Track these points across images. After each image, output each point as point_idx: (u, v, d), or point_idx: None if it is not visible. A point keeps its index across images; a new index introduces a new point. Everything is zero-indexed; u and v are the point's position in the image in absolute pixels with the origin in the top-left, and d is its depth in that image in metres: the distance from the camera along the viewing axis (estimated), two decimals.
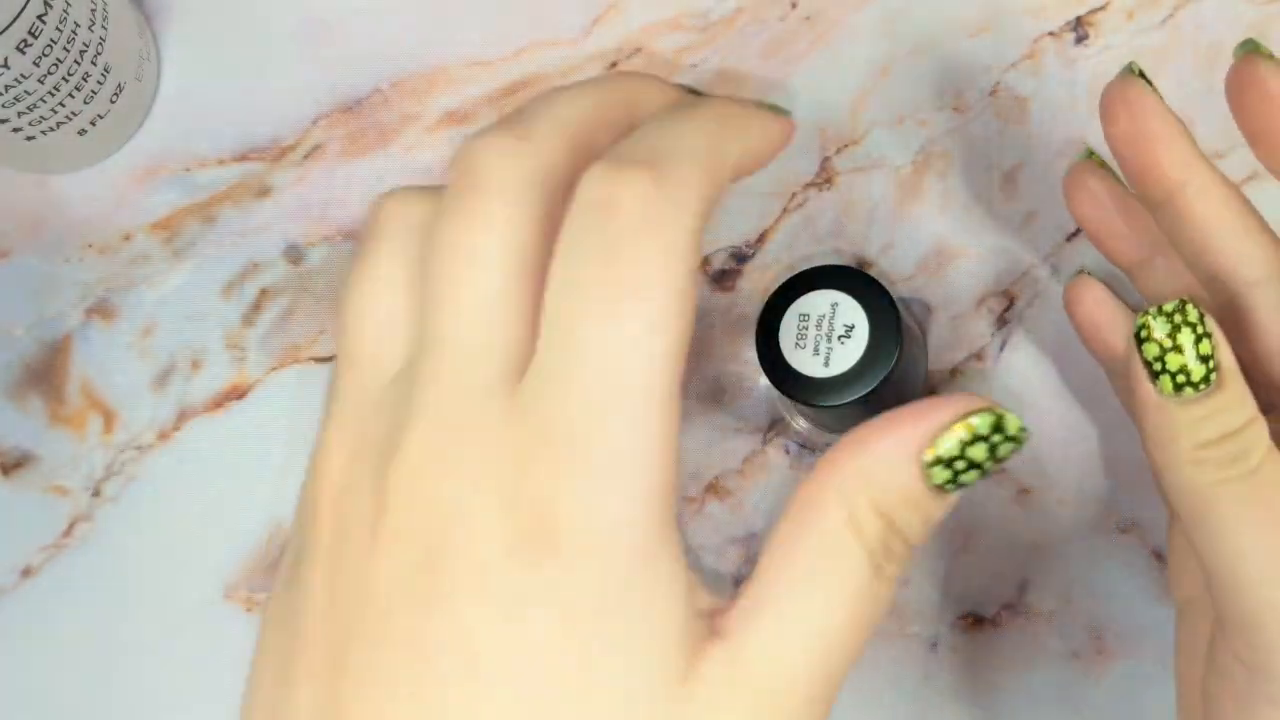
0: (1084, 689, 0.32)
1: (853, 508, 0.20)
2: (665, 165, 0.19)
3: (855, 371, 0.26)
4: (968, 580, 0.32)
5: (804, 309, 0.26)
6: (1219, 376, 0.23)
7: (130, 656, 0.31)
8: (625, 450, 0.18)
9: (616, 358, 0.18)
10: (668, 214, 0.19)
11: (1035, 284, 0.33)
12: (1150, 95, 0.25)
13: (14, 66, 0.28)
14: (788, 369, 0.26)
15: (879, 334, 0.25)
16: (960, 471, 0.20)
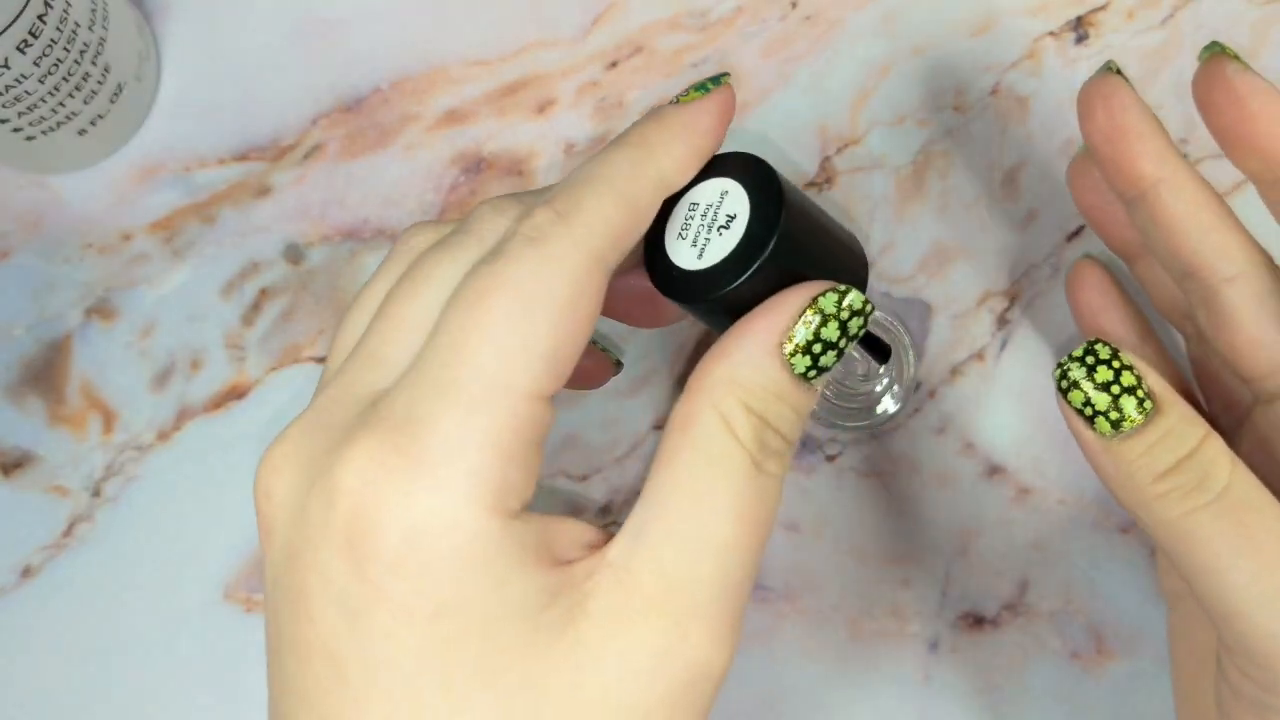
0: (1084, 689, 0.32)
1: (725, 411, 0.20)
2: (564, 196, 0.21)
3: (722, 266, 0.22)
4: (968, 580, 0.32)
5: (696, 198, 0.23)
6: (1155, 402, 0.23)
7: (130, 656, 0.31)
8: (451, 444, 0.19)
9: (460, 350, 0.19)
10: (555, 232, 0.20)
11: (1035, 284, 0.33)
12: (1128, 92, 0.25)
13: (14, 66, 0.28)
14: (663, 259, 0.23)
15: (757, 225, 0.22)
16: (818, 355, 0.21)
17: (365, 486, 0.19)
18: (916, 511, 0.32)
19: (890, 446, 0.32)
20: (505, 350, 0.19)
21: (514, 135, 0.33)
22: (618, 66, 0.34)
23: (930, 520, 0.32)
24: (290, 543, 0.20)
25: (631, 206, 0.21)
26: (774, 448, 0.20)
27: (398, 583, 0.18)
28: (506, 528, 0.19)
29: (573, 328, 0.20)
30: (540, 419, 0.20)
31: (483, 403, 0.19)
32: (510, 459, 0.19)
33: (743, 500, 0.20)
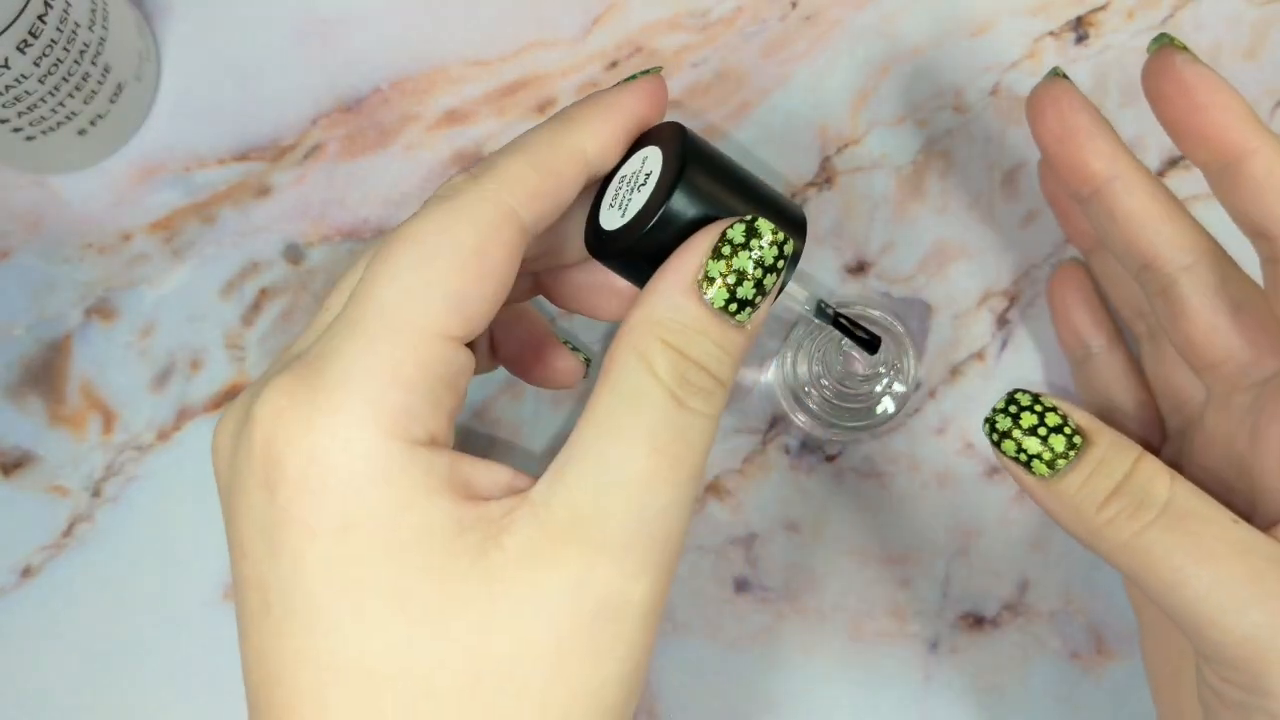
0: (1084, 689, 0.32)
1: (643, 351, 0.20)
2: (482, 162, 0.22)
3: (635, 219, 0.22)
4: (968, 580, 0.32)
5: (625, 170, 0.24)
6: (1083, 436, 0.23)
7: (130, 656, 0.31)
8: (352, 373, 0.19)
9: (367, 291, 0.20)
10: (465, 188, 0.21)
11: (1035, 284, 0.33)
12: (1076, 94, 0.26)
13: (14, 66, 0.27)
14: (594, 228, 0.23)
15: (665, 175, 0.22)
16: (735, 286, 0.21)
17: (275, 417, 0.19)
18: (916, 511, 0.32)
19: (890, 446, 0.32)
20: (406, 289, 0.20)
21: (514, 135, 0.33)
22: (618, 66, 0.34)
23: (930, 520, 0.32)
24: (227, 486, 0.21)
25: (546, 169, 0.22)
26: (698, 384, 0.21)
27: (301, 502, 0.19)
28: (410, 452, 0.19)
29: (479, 274, 0.20)
30: (448, 359, 0.20)
31: (382, 335, 0.20)
32: (411, 389, 0.20)
33: (657, 434, 0.20)
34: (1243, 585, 0.21)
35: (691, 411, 0.20)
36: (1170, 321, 0.26)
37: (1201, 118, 0.23)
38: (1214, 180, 0.24)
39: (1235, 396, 0.25)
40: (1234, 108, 0.23)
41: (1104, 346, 0.31)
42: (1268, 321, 0.25)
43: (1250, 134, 0.23)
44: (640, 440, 0.20)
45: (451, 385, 0.20)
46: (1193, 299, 0.25)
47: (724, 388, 0.21)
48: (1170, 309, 0.26)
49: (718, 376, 0.21)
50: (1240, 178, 0.23)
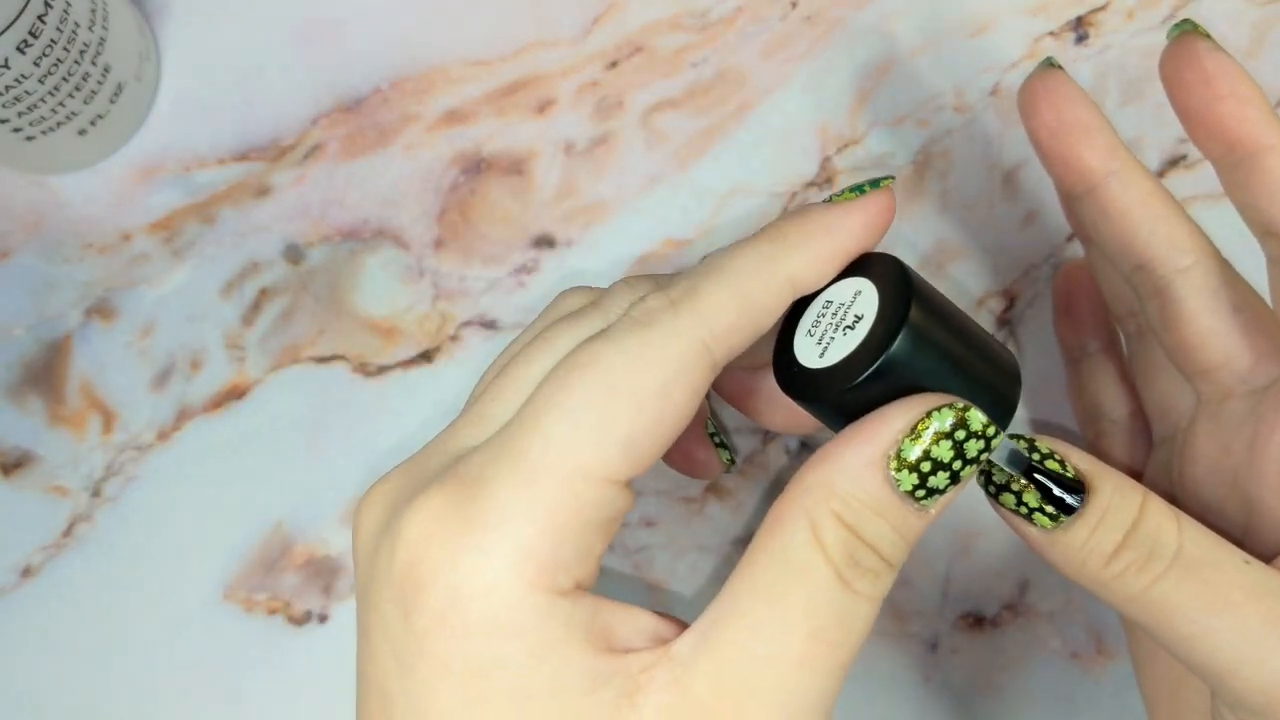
0: (1084, 689, 0.32)
1: (815, 519, 0.19)
2: (682, 284, 0.20)
3: (839, 367, 0.21)
4: (968, 580, 0.32)
5: (831, 295, 0.22)
6: (1087, 481, 0.22)
7: (130, 656, 0.31)
8: (507, 512, 0.19)
9: (536, 421, 0.19)
10: (662, 318, 0.20)
11: (1035, 284, 0.33)
12: (1072, 86, 0.25)
13: (14, 66, 0.27)
14: (787, 355, 0.22)
15: (879, 328, 0.20)
16: (927, 474, 0.19)
17: (421, 541, 0.19)
18: None
19: None
20: (578, 429, 0.19)
21: (514, 135, 0.33)
22: (618, 66, 0.34)
23: None
24: (363, 581, 0.20)
25: (750, 303, 0.20)
26: (867, 565, 0.19)
27: (438, 639, 0.19)
28: (551, 604, 0.19)
29: (659, 416, 0.19)
30: (608, 502, 0.19)
31: (544, 477, 0.19)
32: (563, 537, 0.19)
33: (819, 617, 0.19)
34: (1261, 632, 0.21)
35: (857, 595, 0.19)
36: (1164, 324, 0.25)
37: (1220, 108, 0.22)
38: (1226, 175, 0.23)
39: (1230, 403, 0.25)
40: (1255, 101, 0.22)
41: (1100, 349, 0.30)
42: (1267, 326, 0.24)
43: (1268, 130, 0.22)
44: (800, 618, 0.19)
45: (606, 528, 0.20)
46: (1189, 301, 0.24)
47: (894, 570, 0.20)
48: (1165, 311, 0.25)
49: (889, 560, 0.20)
50: (1256, 173, 0.22)
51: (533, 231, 0.33)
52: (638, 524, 0.32)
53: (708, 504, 0.32)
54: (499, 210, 0.33)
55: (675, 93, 0.33)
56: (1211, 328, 0.24)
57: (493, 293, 0.33)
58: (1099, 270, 0.29)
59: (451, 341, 0.32)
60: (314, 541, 0.31)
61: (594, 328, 0.21)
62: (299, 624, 0.31)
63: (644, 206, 0.33)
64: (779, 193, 0.33)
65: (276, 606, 0.31)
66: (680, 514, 0.32)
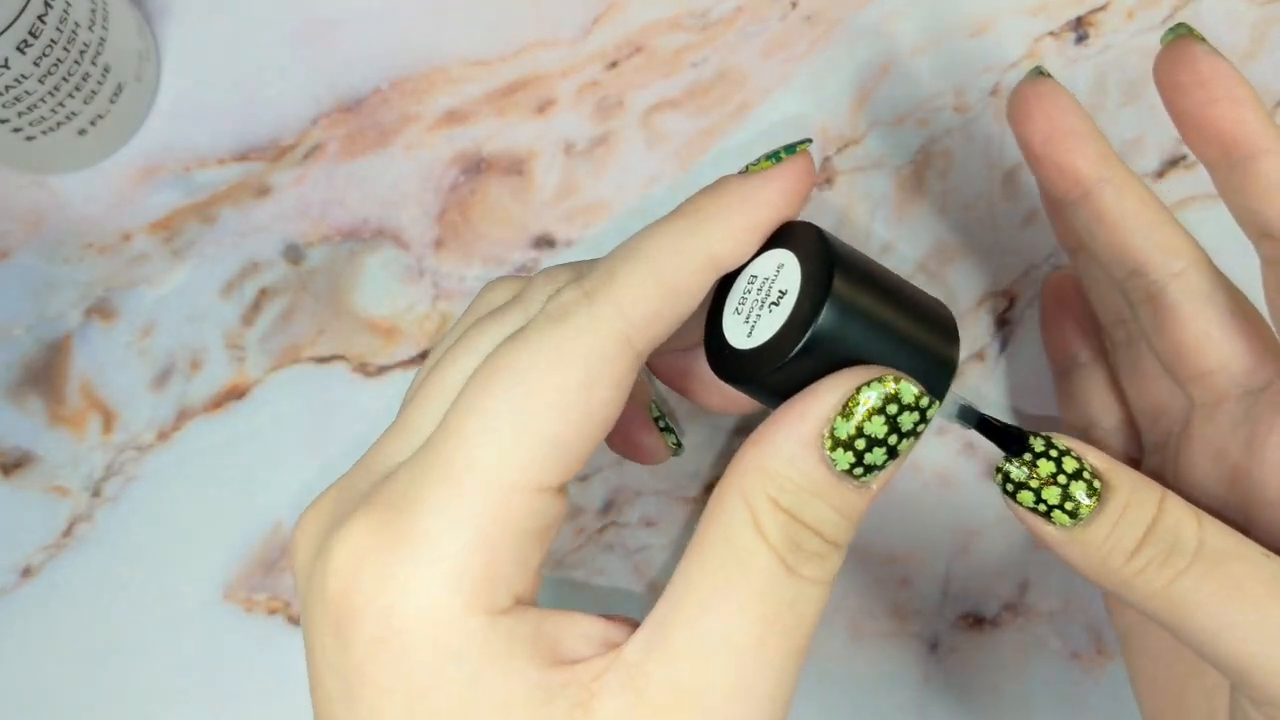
0: (1084, 689, 0.32)
1: (753, 506, 0.19)
2: (598, 272, 0.19)
3: (765, 348, 0.20)
4: (968, 580, 0.32)
5: (755, 270, 0.21)
6: (1103, 479, 0.22)
7: (130, 656, 0.31)
8: (436, 531, 0.18)
9: (458, 435, 0.18)
10: (577, 311, 0.19)
11: (1035, 284, 0.33)
12: (1064, 93, 0.25)
13: (14, 66, 0.27)
14: (717, 334, 0.21)
15: (803, 307, 0.20)
16: (863, 451, 0.19)
17: (351, 568, 0.18)
18: (916, 511, 0.32)
19: None
20: (501, 440, 0.18)
21: (514, 135, 0.33)
22: (618, 66, 0.34)
23: (930, 520, 0.32)
24: (303, 607, 0.20)
25: (670, 286, 0.19)
26: (810, 549, 0.19)
27: (377, 665, 0.18)
28: (490, 623, 0.18)
29: (583, 416, 0.19)
30: (540, 510, 0.19)
31: (470, 492, 0.18)
32: (497, 553, 0.18)
33: (767, 604, 0.18)
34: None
35: (803, 579, 0.19)
36: (1157, 329, 0.25)
37: (1216, 111, 0.22)
38: (1220, 178, 0.23)
39: (1225, 407, 0.25)
40: (1250, 104, 0.22)
41: (1090, 359, 0.30)
42: (1260, 329, 0.24)
43: (1263, 133, 0.22)
44: (748, 607, 0.18)
45: (542, 537, 0.19)
46: (1184, 305, 0.24)
47: (840, 551, 0.19)
48: (1159, 316, 0.25)
49: (833, 541, 0.19)
50: (1251, 176, 0.22)
51: (533, 231, 0.33)
52: (638, 524, 0.32)
53: None
54: (499, 210, 0.33)
55: (675, 93, 0.33)
56: (1206, 331, 0.24)
57: None
58: (1087, 278, 0.29)
59: None
60: None
61: (514, 325, 0.20)
62: (299, 624, 0.31)
63: (644, 206, 0.33)
64: None
65: (276, 606, 0.31)
66: (680, 514, 0.32)
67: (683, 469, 0.32)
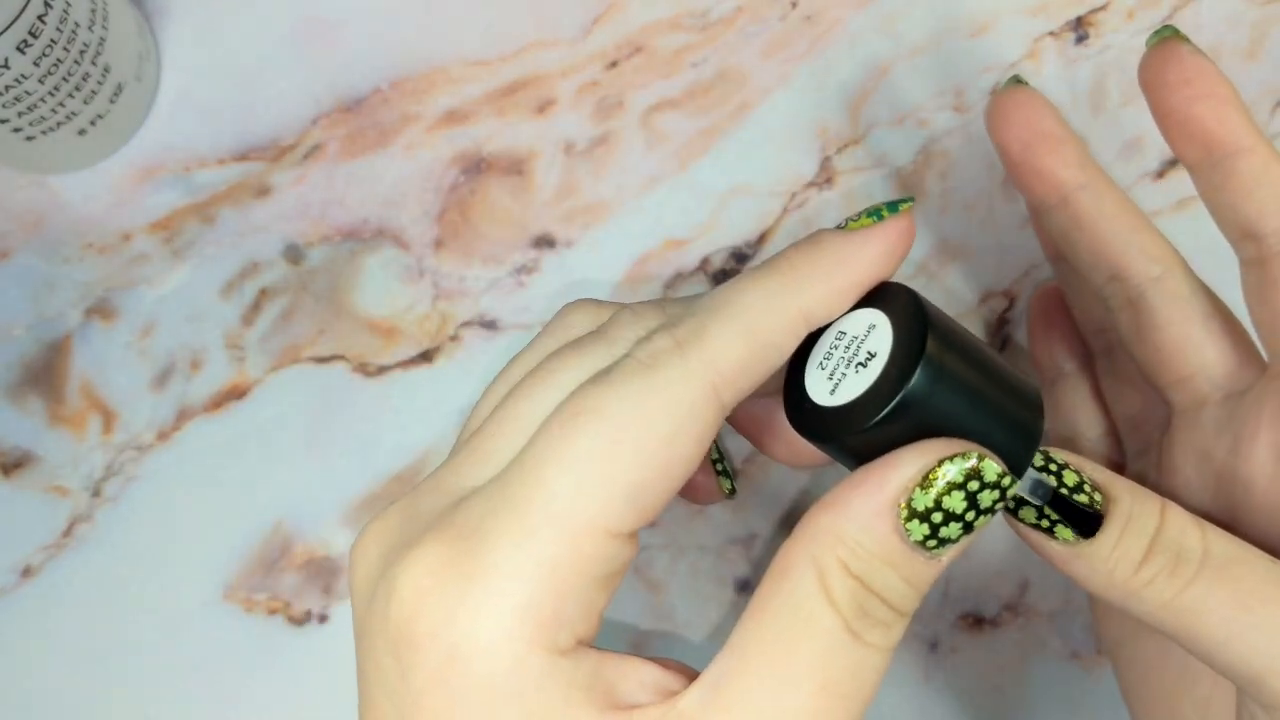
0: (1084, 689, 0.32)
1: (822, 568, 0.18)
2: (690, 322, 0.19)
3: (849, 409, 0.20)
4: (968, 580, 0.32)
5: (844, 326, 0.21)
6: (1104, 491, 0.21)
7: (130, 656, 0.31)
8: (506, 568, 0.18)
9: (538, 472, 0.18)
10: (668, 361, 0.19)
11: (1035, 284, 0.33)
12: (1041, 100, 0.25)
13: (14, 66, 0.27)
14: (798, 387, 0.21)
15: (891, 372, 0.19)
16: (939, 525, 0.19)
17: (417, 596, 0.18)
18: None
19: None
20: (581, 483, 0.18)
21: (514, 135, 0.33)
22: (618, 66, 0.34)
23: None
24: (360, 625, 0.20)
25: (760, 342, 0.19)
26: (877, 616, 0.19)
27: (435, 698, 0.18)
28: (551, 664, 0.18)
29: (665, 466, 0.18)
30: (612, 556, 0.18)
31: (546, 533, 0.18)
32: (565, 594, 0.18)
33: (829, 671, 0.18)
34: None
35: (867, 646, 0.19)
36: (1137, 334, 0.25)
37: (1200, 108, 0.23)
38: (1201, 177, 0.23)
39: (1206, 411, 0.25)
40: (1234, 103, 0.23)
41: (1075, 370, 0.30)
42: (1238, 332, 0.25)
43: (1246, 132, 0.23)
44: (809, 672, 0.18)
45: (609, 581, 0.19)
46: (1163, 309, 0.24)
47: (905, 619, 0.19)
48: (1138, 321, 0.25)
49: (899, 610, 0.19)
50: (1233, 175, 0.23)
51: (533, 231, 0.33)
52: None
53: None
54: (499, 210, 0.33)
55: (675, 93, 0.33)
56: (1186, 334, 0.24)
57: (493, 293, 0.33)
58: (1068, 287, 0.29)
59: (451, 342, 0.32)
60: (314, 541, 0.31)
61: (598, 363, 0.20)
62: (299, 624, 0.31)
63: (644, 206, 0.33)
64: (779, 193, 0.33)
65: (276, 606, 0.31)
66: (680, 514, 0.32)
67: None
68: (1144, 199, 0.33)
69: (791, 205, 0.33)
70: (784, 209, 0.33)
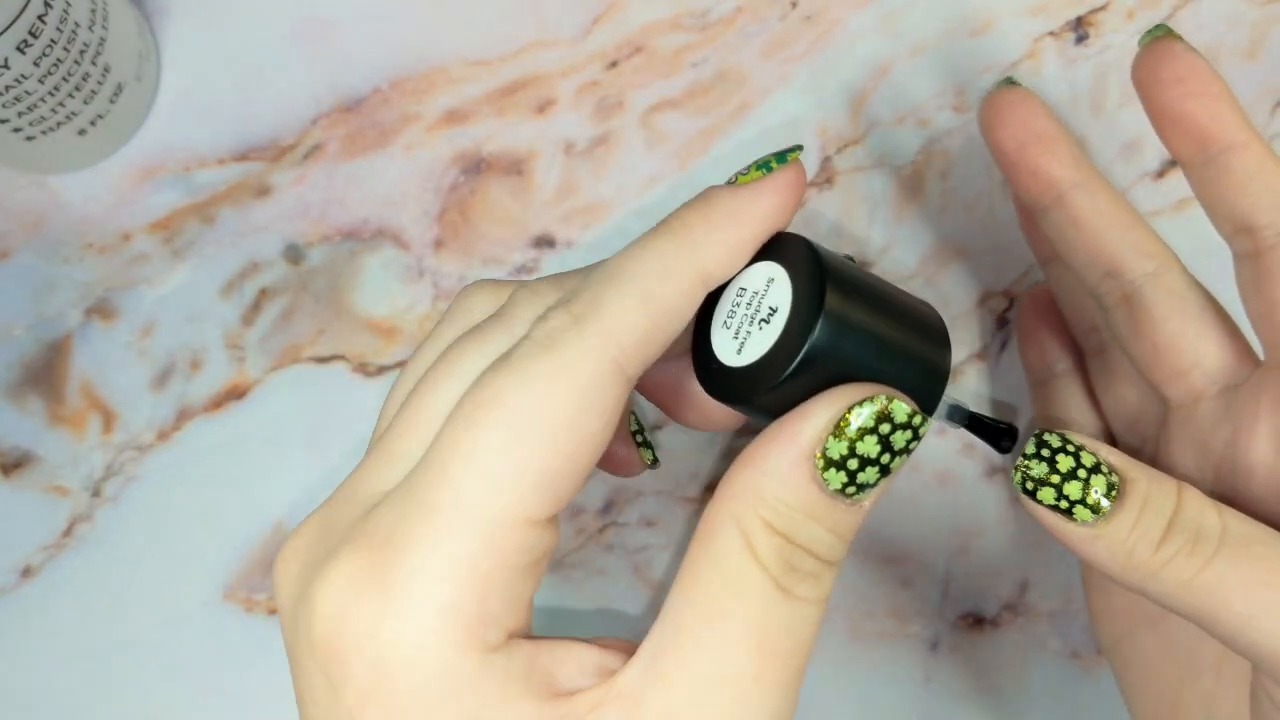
0: (1084, 689, 0.32)
1: (745, 527, 0.18)
2: (585, 295, 0.19)
3: (756, 367, 0.20)
4: (968, 580, 0.32)
5: (744, 283, 0.20)
6: (1119, 473, 0.22)
7: (130, 656, 0.31)
8: (424, 572, 0.18)
9: (444, 470, 0.18)
10: (566, 339, 0.18)
11: (1034, 284, 0.33)
12: (1035, 99, 0.25)
13: (14, 67, 0.27)
14: (705, 348, 0.21)
15: (793, 327, 0.19)
16: (855, 471, 0.18)
17: (338, 612, 0.18)
18: (916, 511, 0.32)
19: None
20: (490, 476, 0.18)
21: (514, 135, 0.33)
22: (618, 66, 0.34)
23: (930, 520, 0.32)
24: (288, 643, 0.19)
25: (660, 308, 0.19)
26: (805, 569, 0.18)
27: (370, 713, 0.18)
28: (483, 662, 0.18)
29: (574, 447, 0.18)
30: (531, 545, 0.18)
31: (458, 531, 0.18)
32: (489, 590, 0.18)
33: (763, 629, 0.18)
34: None
35: (798, 600, 0.18)
36: (1133, 330, 0.25)
37: (1194, 104, 0.23)
38: (1195, 173, 0.24)
39: (1202, 405, 0.25)
40: (1227, 99, 0.23)
41: (1067, 369, 0.30)
42: (1233, 327, 0.25)
43: (1239, 128, 0.23)
44: (743, 634, 0.18)
45: (533, 569, 0.19)
46: (1159, 304, 0.25)
47: (834, 568, 0.19)
48: (1134, 316, 0.25)
49: (828, 560, 0.19)
50: (1226, 170, 0.23)
51: (533, 231, 0.33)
52: (637, 524, 0.32)
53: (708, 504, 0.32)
54: (499, 210, 0.33)
55: (675, 93, 0.33)
56: (1181, 329, 0.25)
57: None
58: (1058, 288, 0.30)
59: None
60: None
61: (499, 347, 0.20)
62: None
63: (644, 206, 0.33)
64: None
65: (276, 607, 0.31)
66: (680, 514, 0.32)
67: (683, 469, 0.32)
68: (1143, 199, 0.33)
69: None
70: None
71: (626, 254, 0.20)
